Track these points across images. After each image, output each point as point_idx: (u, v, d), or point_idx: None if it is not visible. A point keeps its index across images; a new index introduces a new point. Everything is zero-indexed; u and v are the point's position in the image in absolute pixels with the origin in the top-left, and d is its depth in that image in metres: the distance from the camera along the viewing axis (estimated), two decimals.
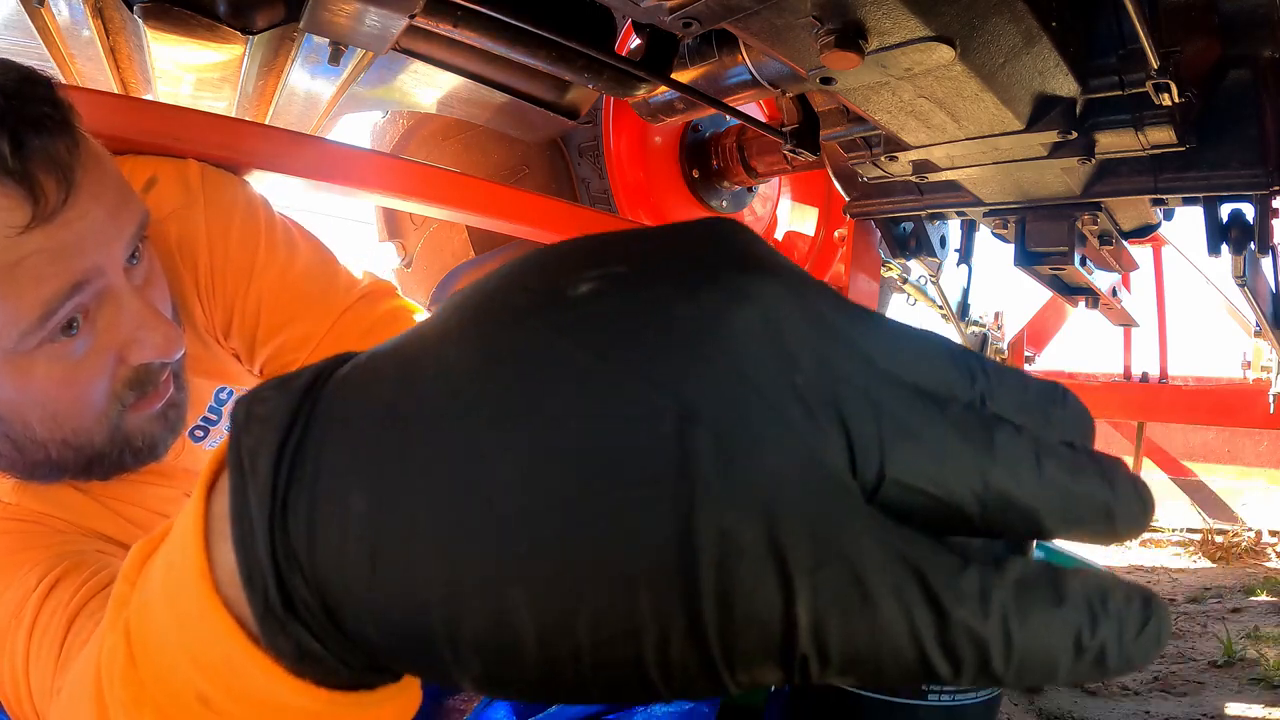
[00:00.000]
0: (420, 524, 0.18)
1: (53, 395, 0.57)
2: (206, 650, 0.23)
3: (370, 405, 0.19)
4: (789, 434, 0.16)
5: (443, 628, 0.18)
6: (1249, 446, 2.36)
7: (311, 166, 0.92)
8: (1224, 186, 0.93)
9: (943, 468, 0.17)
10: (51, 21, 1.04)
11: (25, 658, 0.55)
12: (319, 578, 0.19)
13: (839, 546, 0.16)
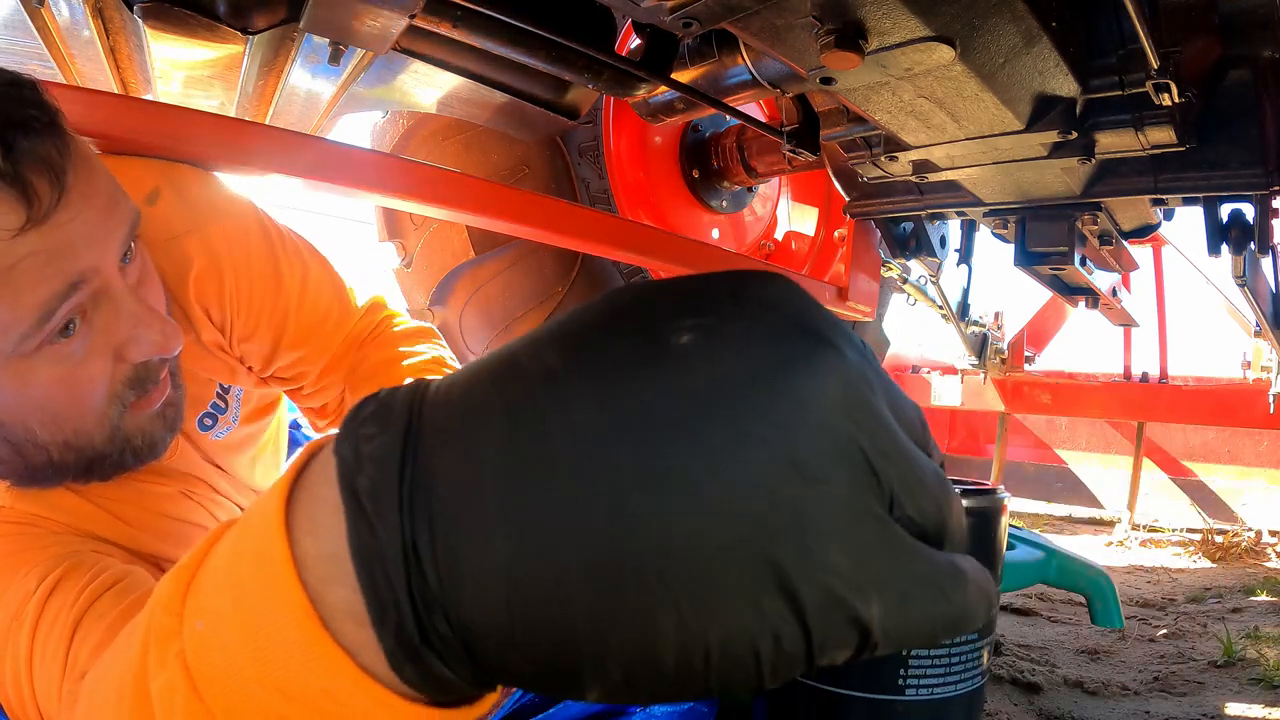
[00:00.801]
0: (565, 555, 0.20)
1: (53, 397, 0.57)
2: (301, 682, 0.23)
3: (487, 439, 0.21)
4: (854, 482, 0.21)
5: (591, 652, 0.21)
6: (1249, 446, 2.36)
7: (311, 166, 0.92)
8: (1224, 186, 0.93)
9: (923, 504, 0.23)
10: (51, 21, 1.04)
11: (29, 660, 0.55)
12: (462, 616, 0.21)
13: (896, 566, 0.22)
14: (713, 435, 0.21)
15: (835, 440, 0.21)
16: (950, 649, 0.53)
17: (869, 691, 0.53)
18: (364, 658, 0.23)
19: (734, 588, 0.20)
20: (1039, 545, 0.76)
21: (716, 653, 0.21)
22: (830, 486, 0.21)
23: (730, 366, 0.21)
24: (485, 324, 1.57)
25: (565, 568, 0.20)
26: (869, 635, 0.21)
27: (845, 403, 0.22)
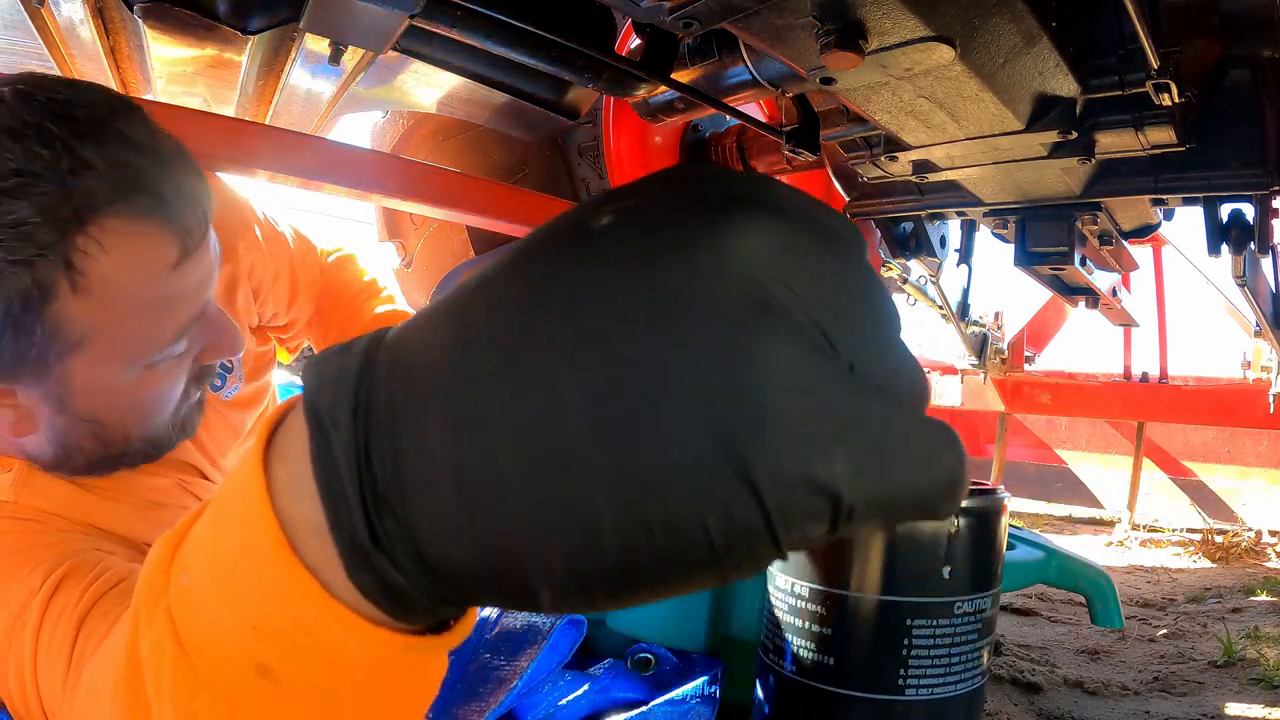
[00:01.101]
0: (501, 443, 0.20)
1: (153, 400, 0.65)
2: (273, 613, 0.24)
3: (432, 352, 0.22)
4: (791, 328, 0.20)
5: (529, 534, 0.20)
6: (1249, 446, 2.36)
7: (311, 166, 0.92)
8: (1224, 186, 0.93)
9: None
10: (51, 21, 1.04)
11: (33, 658, 0.56)
12: (408, 510, 0.21)
13: (857, 417, 0.20)
14: (632, 302, 0.20)
15: (757, 292, 0.20)
16: (950, 649, 0.53)
17: (869, 691, 0.53)
18: (326, 574, 0.23)
19: (667, 455, 0.19)
20: (1039, 545, 0.77)
21: (660, 532, 0.19)
22: (767, 339, 0.20)
23: (650, 235, 0.21)
24: None
25: (500, 451, 0.20)
26: (839, 500, 0.20)
27: (775, 257, 0.20)
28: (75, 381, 0.60)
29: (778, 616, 0.57)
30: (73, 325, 0.57)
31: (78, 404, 0.61)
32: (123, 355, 0.60)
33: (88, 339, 0.58)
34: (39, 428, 0.63)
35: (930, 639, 0.52)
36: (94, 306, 0.56)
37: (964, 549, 0.53)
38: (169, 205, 0.57)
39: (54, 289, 0.55)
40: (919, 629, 0.52)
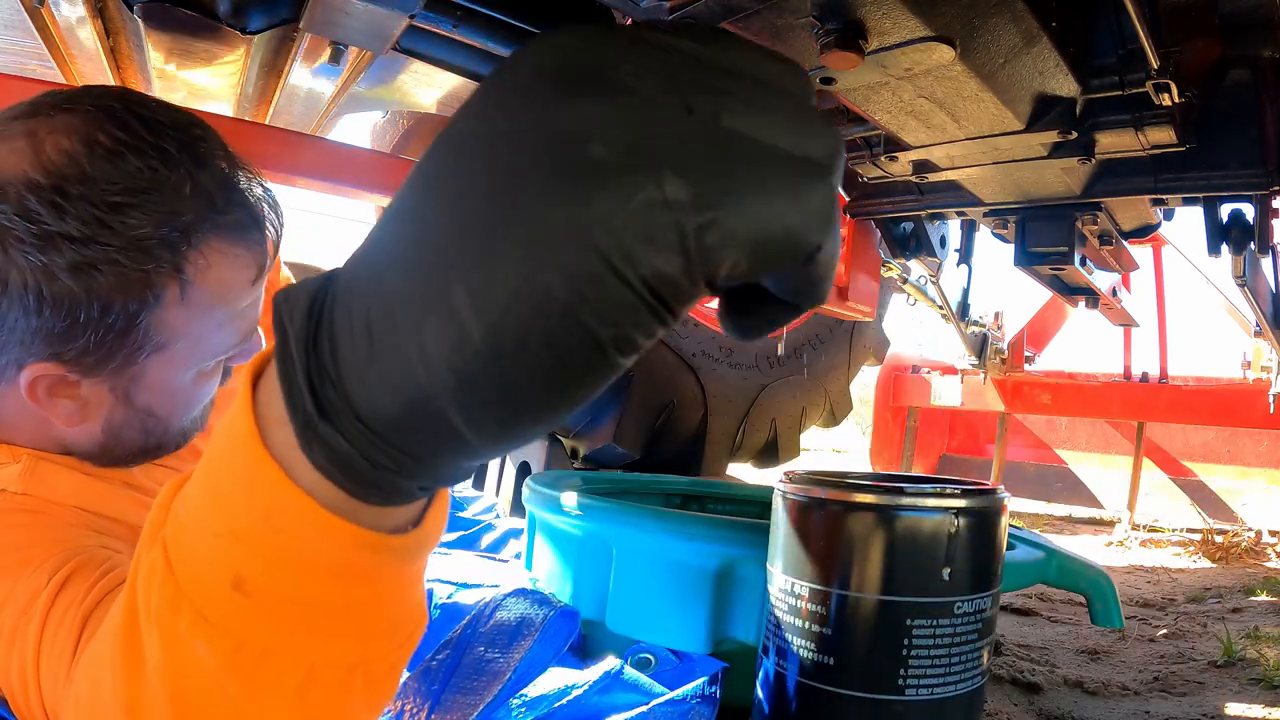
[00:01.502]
0: (390, 287, 0.23)
1: (200, 396, 0.70)
2: (245, 512, 0.27)
3: (367, 251, 0.25)
4: (615, 91, 0.21)
5: (419, 353, 0.22)
6: (1249, 446, 2.36)
7: (311, 166, 0.92)
8: (1224, 186, 0.93)
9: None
10: (51, 21, 1.04)
11: (36, 654, 0.56)
12: (340, 376, 0.24)
13: (695, 139, 0.20)
14: (496, 130, 0.22)
15: (581, 69, 0.21)
16: (950, 649, 0.53)
17: (869, 691, 0.53)
18: (289, 461, 0.26)
19: (506, 232, 0.21)
20: (1039, 545, 0.77)
21: (513, 302, 0.21)
22: (580, 100, 0.21)
23: (504, 77, 0.22)
24: None
25: (390, 293, 0.23)
26: (683, 233, 0.20)
27: (593, 35, 0.22)
28: (147, 379, 0.65)
29: (778, 616, 0.57)
30: (167, 330, 0.62)
31: (141, 399, 0.66)
32: (195, 359, 0.66)
33: (174, 343, 0.63)
34: (95, 419, 0.66)
35: (930, 639, 0.52)
36: (190, 315, 0.62)
37: (964, 549, 0.53)
38: (256, 226, 0.64)
39: (164, 296, 0.60)
40: (919, 629, 0.52)
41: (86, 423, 0.66)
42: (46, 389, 0.63)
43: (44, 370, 0.61)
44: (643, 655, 0.68)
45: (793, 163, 0.21)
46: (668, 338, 1.65)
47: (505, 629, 0.58)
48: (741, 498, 1.07)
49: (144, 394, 0.66)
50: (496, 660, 0.55)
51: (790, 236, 0.21)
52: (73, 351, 0.60)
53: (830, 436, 7.61)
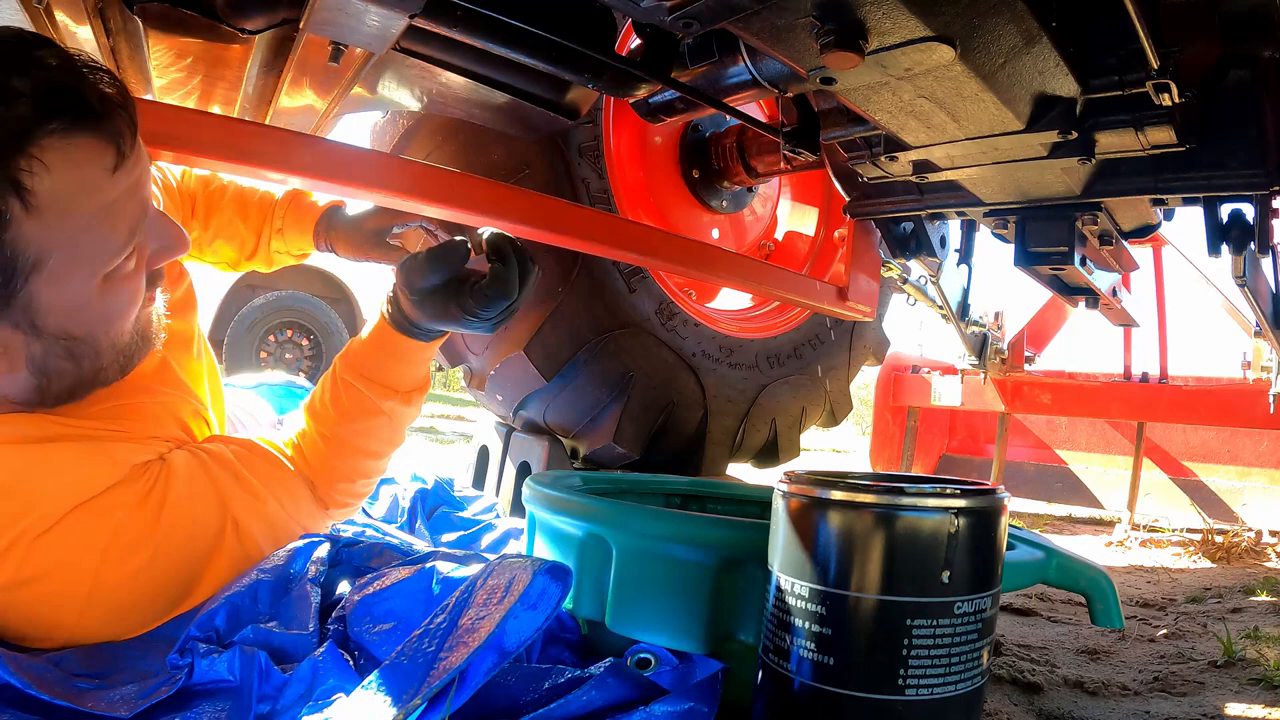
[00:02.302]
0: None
1: (116, 308, 0.69)
2: (391, 360, 0.90)
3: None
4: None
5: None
6: (1249, 446, 2.36)
7: (311, 166, 0.92)
8: (1224, 186, 0.93)
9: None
10: (51, 21, 1.04)
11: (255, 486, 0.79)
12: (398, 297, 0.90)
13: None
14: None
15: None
16: (950, 649, 0.53)
17: (869, 691, 0.53)
18: (399, 332, 0.89)
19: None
20: (1039, 545, 0.76)
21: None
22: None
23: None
24: None
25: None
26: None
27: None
28: (42, 301, 0.64)
29: (778, 616, 0.57)
30: (30, 246, 0.61)
31: (50, 323, 0.65)
32: (82, 266, 0.64)
33: (45, 257, 0.62)
34: (20, 364, 0.66)
35: (930, 639, 0.52)
36: (47, 224, 0.60)
37: (964, 549, 0.53)
38: (98, 115, 0.61)
39: (7, 214, 0.58)
40: (919, 629, 0.52)
41: (13, 369, 0.66)
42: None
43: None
44: (643, 655, 0.68)
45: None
46: (668, 338, 1.65)
47: (497, 589, 0.58)
48: (741, 498, 1.07)
49: (50, 317, 0.65)
50: (487, 617, 0.55)
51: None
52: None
53: (830, 436, 7.61)
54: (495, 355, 1.60)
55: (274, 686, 0.59)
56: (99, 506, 0.67)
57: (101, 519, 0.67)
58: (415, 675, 0.53)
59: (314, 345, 5.30)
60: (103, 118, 0.61)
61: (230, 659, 0.60)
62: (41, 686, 0.57)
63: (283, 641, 0.64)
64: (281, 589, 0.71)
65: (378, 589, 0.66)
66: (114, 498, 0.68)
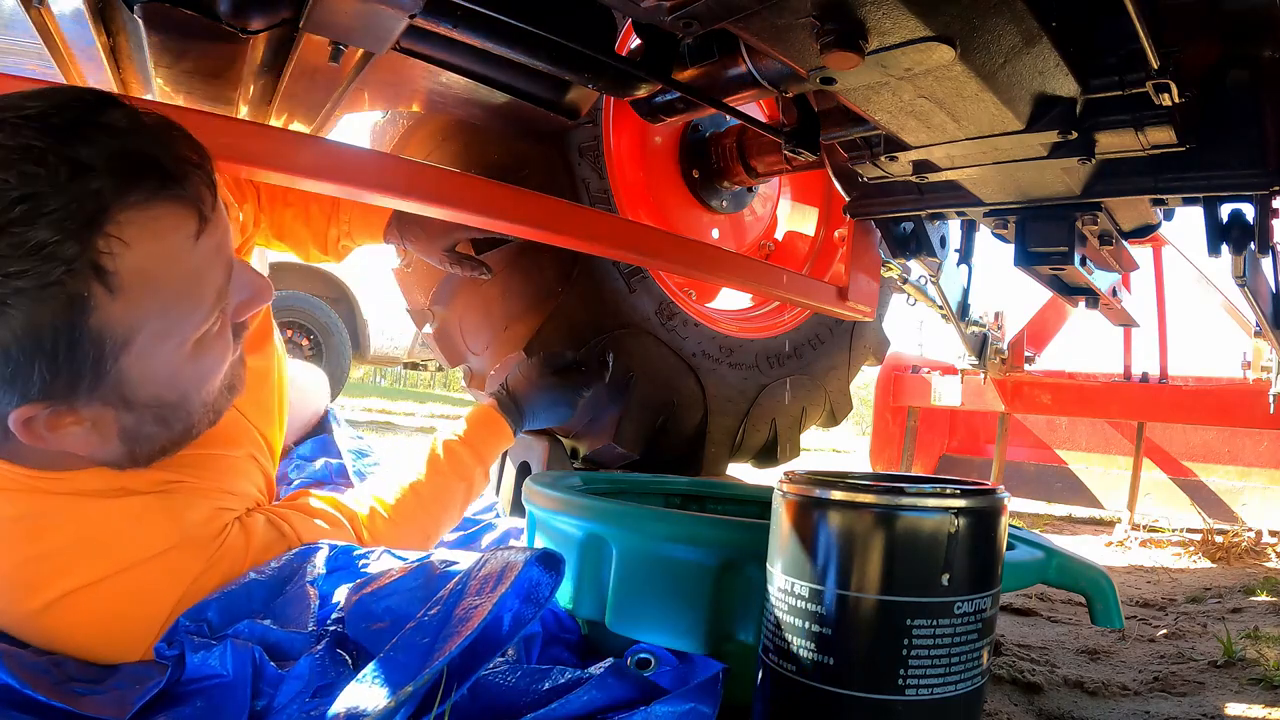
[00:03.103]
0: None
1: (210, 366, 0.68)
2: (494, 441, 1.08)
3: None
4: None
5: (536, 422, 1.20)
6: (1249, 446, 2.36)
7: (311, 166, 0.92)
8: (1224, 186, 0.93)
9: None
10: (51, 21, 1.04)
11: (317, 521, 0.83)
12: (517, 410, 1.16)
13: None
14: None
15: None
16: (950, 649, 0.53)
17: (869, 691, 0.53)
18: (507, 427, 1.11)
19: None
20: (1039, 545, 0.76)
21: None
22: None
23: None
24: (485, 324, 1.57)
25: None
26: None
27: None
28: (133, 376, 0.61)
29: (778, 616, 0.57)
30: (117, 327, 0.57)
31: (141, 394, 0.63)
32: (171, 337, 0.62)
33: (134, 335, 0.59)
34: (111, 436, 0.65)
35: (930, 639, 0.52)
36: (132, 302, 0.57)
37: (964, 549, 0.53)
38: (177, 180, 0.58)
39: (91, 299, 0.55)
40: (919, 629, 0.52)
41: (104, 442, 0.65)
42: (45, 427, 0.60)
43: (26, 413, 0.58)
44: (643, 655, 0.68)
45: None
46: (668, 338, 1.65)
47: (490, 578, 0.58)
48: (741, 498, 1.07)
49: (141, 390, 0.63)
50: (479, 605, 0.55)
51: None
52: (36, 388, 0.57)
53: (830, 436, 7.61)
54: (495, 355, 1.60)
55: (270, 683, 0.59)
56: (167, 563, 0.68)
57: (170, 576, 0.68)
58: (409, 666, 0.53)
59: (314, 345, 5.30)
60: (181, 182, 0.58)
61: (222, 653, 0.60)
62: (39, 687, 0.57)
63: (279, 638, 0.64)
64: (276, 589, 0.71)
65: (375, 588, 0.66)
66: (183, 556, 0.69)
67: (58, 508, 0.67)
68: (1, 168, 0.52)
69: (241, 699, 0.57)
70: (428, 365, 7.42)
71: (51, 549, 0.66)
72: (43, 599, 0.65)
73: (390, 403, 7.35)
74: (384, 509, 0.93)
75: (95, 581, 0.66)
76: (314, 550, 0.76)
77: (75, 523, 0.67)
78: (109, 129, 0.56)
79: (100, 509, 0.68)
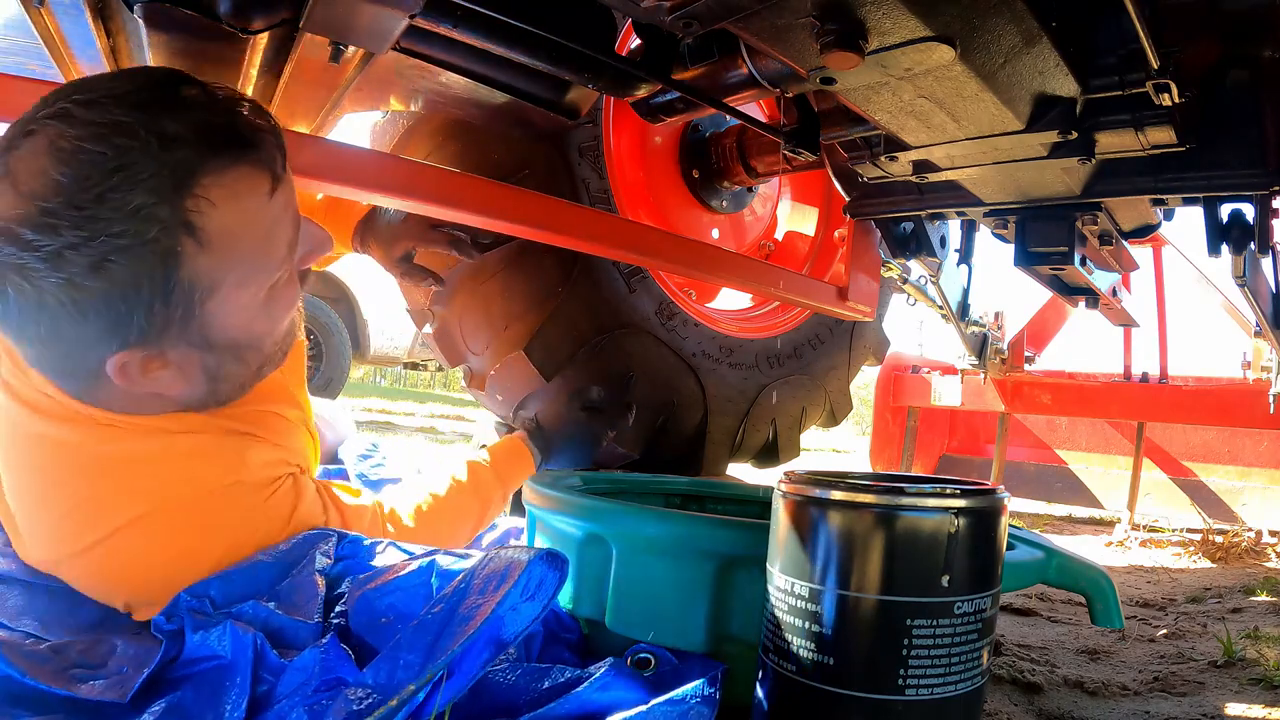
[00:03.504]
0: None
1: (282, 310, 0.74)
2: (519, 471, 1.11)
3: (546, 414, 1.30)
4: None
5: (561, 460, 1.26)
6: (1249, 446, 2.36)
7: (311, 166, 0.92)
8: (1224, 186, 0.93)
9: None
10: (51, 21, 1.04)
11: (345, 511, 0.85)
12: (548, 458, 1.19)
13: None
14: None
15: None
16: (950, 649, 0.53)
17: (869, 691, 0.53)
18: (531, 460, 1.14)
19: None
20: (1039, 545, 0.76)
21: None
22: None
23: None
24: (485, 324, 1.57)
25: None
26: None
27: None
28: (216, 321, 0.68)
29: (778, 616, 0.57)
30: (204, 277, 0.65)
31: (222, 338, 0.70)
32: (250, 286, 0.69)
33: (218, 284, 0.66)
34: (195, 374, 0.71)
35: (930, 639, 0.52)
36: (217, 255, 0.64)
37: (964, 549, 0.53)
38: (252, 146, 0.65)
39: (183, 252, 0.62)
40: (919, 629, 0.52)
41: (188, 382, 0.71)
42: (139, 370, 0.67)
43: (123, 359, 0.65)
44: (643, 655, 0.68)
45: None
46: (668, 338, 1.65)
47: (494, 577, 0.58)
48: (741, 498, 1.07)
49: (222, 333, 0.70)
50: (483, 605, 0.56)
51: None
52: (134, 334, 0.64)
53: (830, 436, 7.61)
54: (495, 355, 1.60)
55: (271, 670, 0.59)
56: (232, 495, 0.74)
57: (226, 512, 0.73)
58: (412, 665, 0.53)
59: (314, 345, 5.30)
60: (256, 148, 0.65)
61: (222, 633, 0.60)
62: (39, 675, 0.57)
63: (283, 624, 0.64)
64: (283, 572, 0.71)
65: (379, 584, 0.66)
66: (246, 491, 0.75)
67: (136, 443, 0.72)
68: (97, 141, 0.58)
69: (242, 684, 0.57)
70: (428, 365, 7.42)
71: (110, 487, 0.71)
72: (96, 534, 0.70)
73: (390, 403, 7.35)
74: (405, 512, 0.95)
75: (149, 512, 0.70)
76: (323, 536, 0.76)
77: (137, 458, 0.72)
78: (188, 102, 0.62)
79: (165, 444, 0.73)
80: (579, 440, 1.24)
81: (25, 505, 0.73)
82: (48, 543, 0.73)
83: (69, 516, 0.71)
